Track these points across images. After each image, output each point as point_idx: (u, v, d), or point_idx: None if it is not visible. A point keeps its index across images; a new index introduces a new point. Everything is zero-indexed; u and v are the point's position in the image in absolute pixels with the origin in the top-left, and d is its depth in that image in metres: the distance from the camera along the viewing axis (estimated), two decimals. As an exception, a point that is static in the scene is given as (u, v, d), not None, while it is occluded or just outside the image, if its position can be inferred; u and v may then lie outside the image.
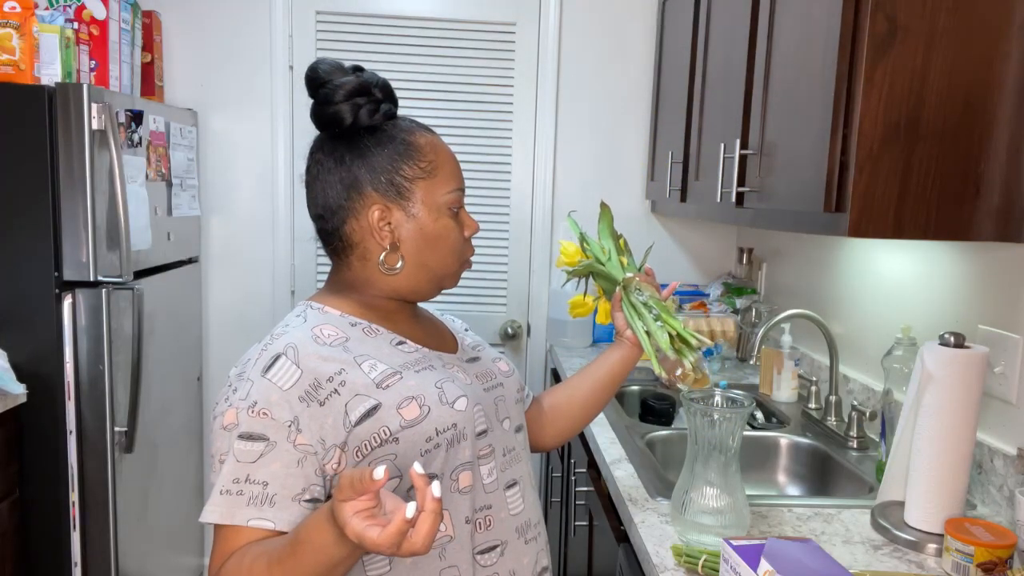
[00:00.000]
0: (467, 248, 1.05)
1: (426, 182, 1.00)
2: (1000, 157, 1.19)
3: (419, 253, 1.01)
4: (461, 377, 1.02)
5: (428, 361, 1.01)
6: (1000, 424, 1.34)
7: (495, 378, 1.09)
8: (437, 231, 1.01)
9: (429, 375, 0.98)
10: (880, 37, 1.17)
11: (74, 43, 2.04)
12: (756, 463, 1.72)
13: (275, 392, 0.89)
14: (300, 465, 0.88)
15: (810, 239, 2.16)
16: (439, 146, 1.03)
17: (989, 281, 1.39)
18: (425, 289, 1.04)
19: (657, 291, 1.20)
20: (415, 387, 0.95)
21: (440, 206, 1.01)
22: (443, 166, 1.02)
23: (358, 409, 0.91)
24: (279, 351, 0.92)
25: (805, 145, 1.34)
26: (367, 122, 1.01)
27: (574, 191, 2.73)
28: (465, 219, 1.05)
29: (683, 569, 1.09)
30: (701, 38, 2.05)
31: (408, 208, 0.99)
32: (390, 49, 2.62)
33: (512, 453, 1.06)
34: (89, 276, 1.94)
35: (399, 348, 1.00)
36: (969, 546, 1.07)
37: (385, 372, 0.95)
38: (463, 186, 1.04)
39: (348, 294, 1.04)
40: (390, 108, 1.04)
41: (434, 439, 0.93)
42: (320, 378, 0.91)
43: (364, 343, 0.98)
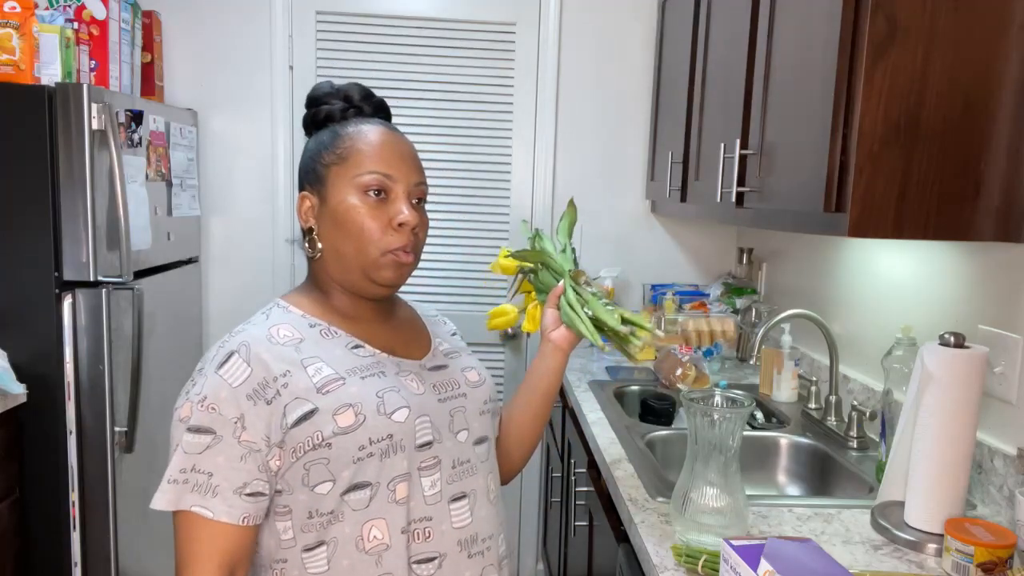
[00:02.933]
0: (393, 237, 0.99)
1: (338, 167, 1.00)
2: (1000, 157, 1.19)
3: (331, 238, 1.01)
4: (412, 386, 1.01)
5: (380, 367, 1.00)
6: (1000, 424, 1.34)
7: (457, 388, 1.07)
8: (342, 214, 0.99)
9: (374, 383, 0.98)
10: (880, 37, 1.17)
11: (74, 43, 2.04)
12: (756, 463, 1.72)
13: (225, 389, 0.92)
14: (243, 460, 0.91)
15: (810, 239, 2.16)
16: (365, 133, 1.02)
17: (989, 281, 1.39)
18: (355, 280, 1.02)
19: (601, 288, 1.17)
20: (355, 394, 0.95)
21: (349, 189, 0.99)
22: (360, 151, 1.00)
23: (296, 412, 0.93)
24: (233, 348, 0.95)
25: (805, 145, 1.34)
26: (336, 117, 1.05)
27: (574, 191, 2.72)
28: (396, 207, 1.00)
29: (683, 569, 1.09)
30: (701, 38, 2.05)
31: (322, 193, 1.01)
32: (390, 49, 2.63)
33: (465, 466, 1.04)
34: (89, 276, 1.93)
35: (354, 352, 1.00)
36: (969, 546, 1.07)
37: (328, 377, 0.96)
38: (390, 172, 1.00)
39: (314, 293, 1.05)
40: (361, 108, 1.07)
41: (367, 448, 0.94)
42: (268, 377, 0.93)
43: (318, 345, 0.99)
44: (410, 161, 1.03)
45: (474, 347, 2.76)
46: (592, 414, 1.86)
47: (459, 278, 2.73)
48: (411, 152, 1.04)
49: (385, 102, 1.11)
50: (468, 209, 2.70)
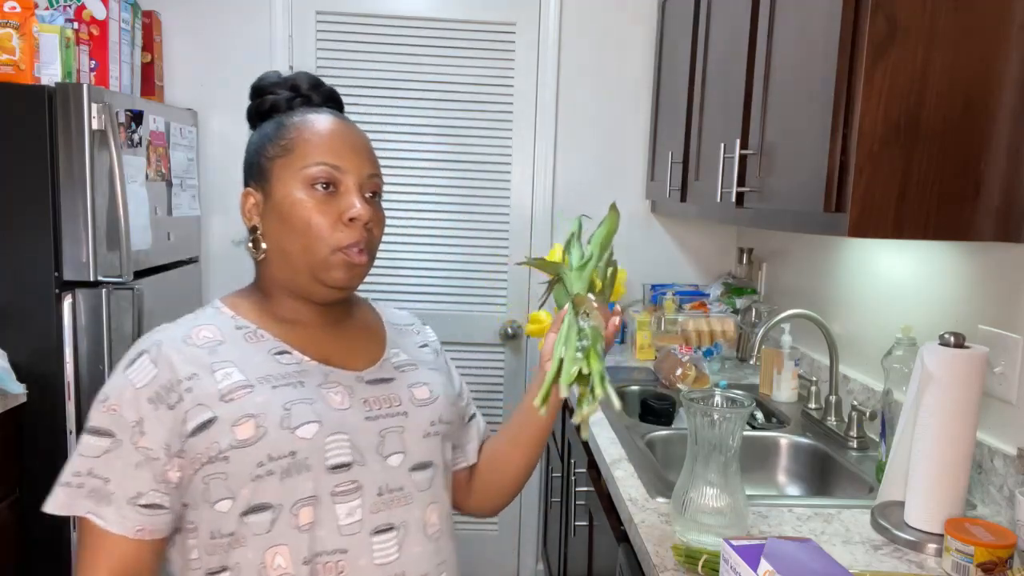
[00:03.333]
0: (343, 234, 0.91)
1: (283, 159, 0.92)
2: (1000, 157, 1.19)
3: (277, 236, 0.92)
4: (334, 400, 0.92)
5: (302, 377, 0.91)
6: (1000, 424, 1.34)
7: (396, 405, 0.96)
8: (287, 209, 0.91)
9: (286, 393, 0.89)
10: (880, 37, 1.17)
11: (74, 43, 2.04)
12: (756, 463, 1.72)
13: (128, 390, 0.87)
14: (139, 468, 0.85)
15: (810, 239, 2.16)
16: (312, 123, 0.94)
17: (989, 281, 1.38)
18: (303, 283, 0.93)
19: (603, 327, 0.95)
20: (260, 404, 0.87)
21: (295, 183, 0.91)
22: (307, 141, 0.92)
23: (195, 419, 0.86)
24: (145, 348, 0.90)
25: (805, 145, 1.34)
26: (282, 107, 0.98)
27: (574, 191, 2.72)
28: (347, 201, 0.92)
29: (683, 569, 1.09)
30: (701, 38, 2.05)
31: (267, 189, 0.93)
32: (390, 49, 2.63)
33: (395, 494, 0.93)
34: (89, 276, 1.94)
35: (276, 358, 0.92)
36: (969, 546, 1.07)
37: (236, 384, 0.88)
38: (339, 163, 0.92)
39: (255, 296, 0.98)
40: (309, 97, 0.99)
41: (266, 465, 0.85)
42: (173, 380, 0.87)
43: (236, 349, 0.91)
44: (362, 151, 0.94)
45: (473, 347, 2.81)
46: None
47: (459, 278, 2.73)
48: (363, 142, 0.96)
49: (336, 92, 1.03)
50: (468, 209, 2.70)
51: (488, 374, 2.77)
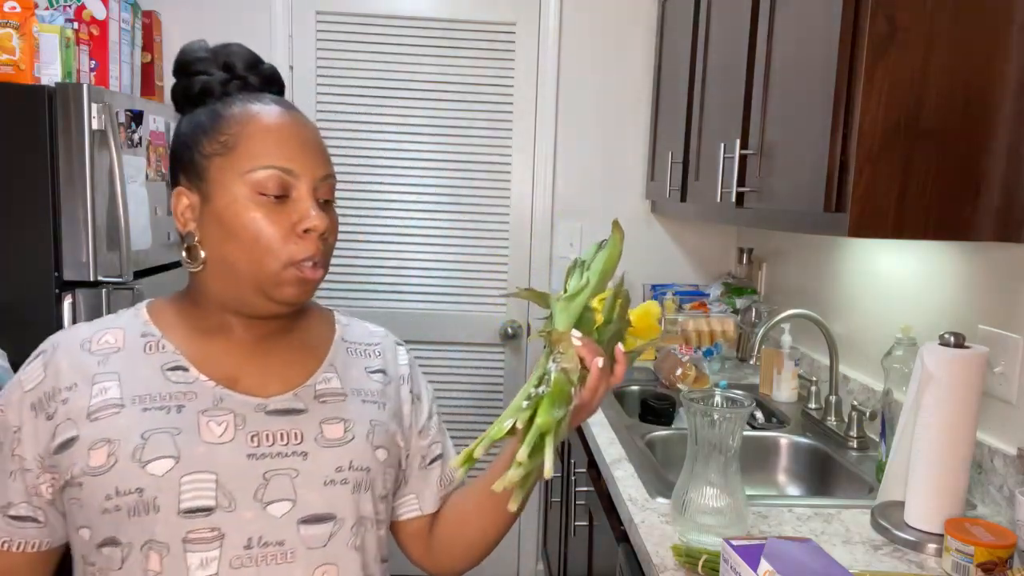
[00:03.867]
0: (297, 247, 0.80)
1: (224, 159, 0.81)
2: (1000, 157, 1.19)
3: (218, 246, 0.81)
4: (213, 431, 0.80)
5: (184, 399, 0.81)
6: (1000, 424, 1.34)
7: (294, 443, 0.82)
8: (232, 219, 0.79)
9: (153, 418, 0.79)
10: (880, 37, 1.17)
11: (74, 43, 2.04)
12: (756, 463, 1.72)
13: (17, 391, 0.82)
14: (12, 477, 0.80)
15: (810, 239, 2.16)
16: (257, 116, 0.82)
17: (989, 281, 1.38)
18: (247, 298, 0.82)
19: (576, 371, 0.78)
20: (120, 429, 0.78)
21: (240, 188, 0.80)
22: (249, 139, 0.80)
23: (62, 435, 0.79)
24: (44, 347, 0.84)
25: (805, 145, 1.34)
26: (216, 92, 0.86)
27: (574, 191, 2.72)
28: (301, 209, 0.81)
29: (683, 569, 1.09)
30: (701, 38, 2.05)
31: (204, 190, 0.82)
32: (390, 49, 2.62)
33: (270, 548, 0.79)
34: (89, 276, 1.93)
35: (167, 374, 0.82)
36: (969, 546, 1.07)
37: (107, 401, 0.79)
38: (291, 165, 0.81)
39: (183, 302, 0.88)
40: (245, 79, 0.87)
41: (113, 499, 0.76)
42: (55, 388, 0.80)
43: (129, 359, 0.82)
44: (314, 150, 0.83)
45: (473, 347, 2.81)
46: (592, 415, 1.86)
47: (459, 278, 2.73)
48: (315, 138, 0.84)
49: (277, 73, 0.91)
50: (468, 209, 2.70)
51: (488, 374, 2.77)
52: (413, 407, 0.97)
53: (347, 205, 2.66)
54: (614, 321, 0.83)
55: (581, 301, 0.82)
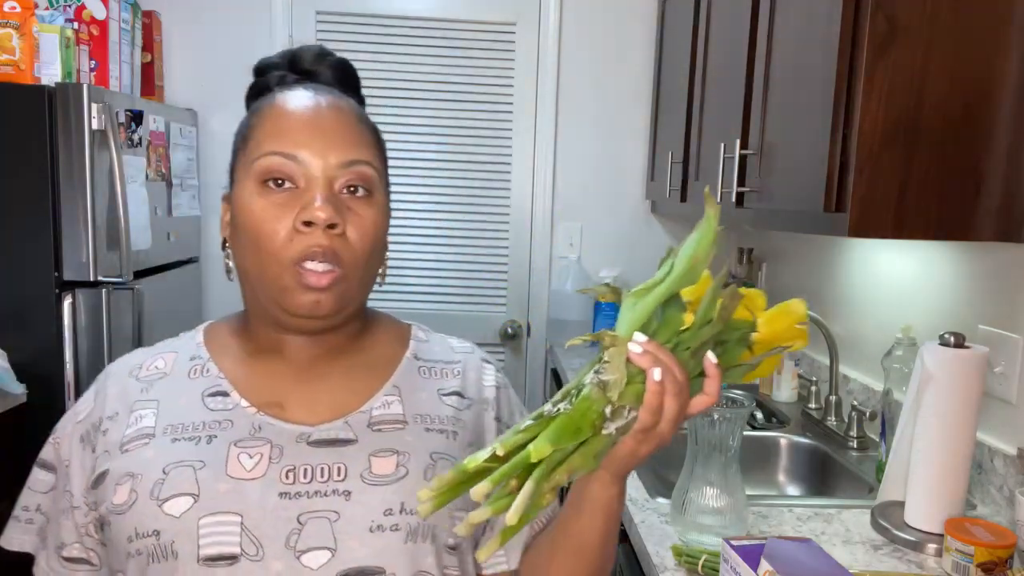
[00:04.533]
0: (296, 240, 0.68)
1: (240, 154, 0.74)
2: (1000, 157, 1.19)
3: (237, 252, 0.74)
4: (243, 464, 0.69)
5: (219, 428, 0.71)
6: (1000, 424, 1.34)
7: (337, 480, 0.69)
8: (240, 215, 0.71)
9: (180, 450, 0.69)
10: (880, 37, 1.17)
11: (74, 43, 2.04)
12: (756, 463, 1.72)
13: (71, 422, 0.77)
14: (65, 515, 0.74)
15: (810, 239, 2.16)
16: (276, 102, 0.73)
17: (989, 281, 1.38)
18: (273, 312, 0.72)
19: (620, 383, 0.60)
20: (144, 462, 0.69)
21: (248, 180, 0.71)
22: (259, 127, 0.72)
23: (98, 469, 0.72)
24: (103, 374, 0.79)
25: (805, 145, 1.34)
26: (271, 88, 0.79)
27: (574, 191, 2.72)
28: (306, 198, 0.69)
29: (683, 569, 1.09)
30: (701, 38, 2.05)
31: (233, 193, 0.75)
32: (390, 49, 2.62)
33: None
34: (89, 276, 1.93)
35: (207, 400, 0.73)
36: (969, 546, 1.07)
37: (140, 431, 0.72)
38: (293, 149, 0.70)
39: (239, 321, 0.80)
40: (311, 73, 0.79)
41: (135, 542, 0.67)
42: (100, 418, 0.74)
43: (172, 386, 0.75)
44: (330, 133, 0.71)
45: (474, 347, 2.80)
46: (592, 414, 1.86)
47: (459, 278, 2.73)
48: (335, 121, 0.72)
49: (348, 65, 0.82)
50: (468, 209, 2.70)
51: (488, 374, 2.76)
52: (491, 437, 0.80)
53: (347, 205, 2.66)
54: (712, 323, 0.64)
55: (655, 297, 0.64)
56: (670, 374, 0.60)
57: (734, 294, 0.65)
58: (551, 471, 0.57)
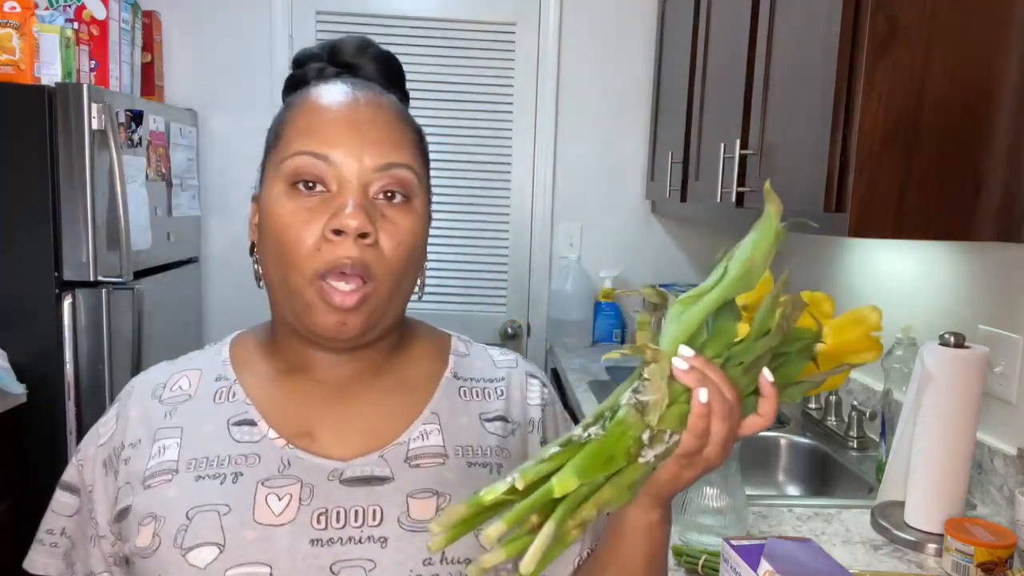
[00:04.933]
0: (324, 250, 0.62)
1: (272, 152, 0.68)
2: (1000, 157, 1.19)
3: (263, 259, 0.68)
4: (272, 508, 0.63)
5: (241, 464, 0.65)
6: (1000, 424, 1.34)
7: (373, 525, 0.63)
8: (266, 220, 0.66)
9: (205, 490, 0.63)
10: (880, 37, 1.17)
11: (74, 43, 2.04)
12: (756, 463, 1.72)
13: (93, 444, 0.71)
14: (92, 543, 0.69)
15: (810, 239, 2.16)
16: (310, 97, 0.68)
17: (989, 281, 1.38)
18: (296, 318, 0.66)
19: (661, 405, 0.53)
20: (167, 504, 0.64)
21: (277, 182, 0.66)
22: (291, 123, 0.67)
23: (121, 502, 0.67)
24: (124, 391, 0.73)
25: (805, 145, 1.34)
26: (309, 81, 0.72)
27: (574, 191, 2.72)
28: (336, 203, 0.63)
29: (683, 569, 1.09)
30: (701, 38, 2.05)
31: (261, 193, 0.69)
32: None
33: None
34: (89, 276, 1.93)
35: (232, 431, 0.67)
36: (969, 546, 1.07)
37: (162, 465, 0.66)
38: (326, 149, 0.64)
39: (267, 334, 0.74)
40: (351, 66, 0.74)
41: None
42: (121, 444, 0.69)
43: (197, 411, 0.68)
44: (367, 132, 0.65)
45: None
46: (592, 414, 1.86)
47: (459, 278, 2.73)
48: (373, 119, 0.66)
49: (392, 58, 0.78)
50: (468, 209, 2.70)
51: (488, 374, 2.76)
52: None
53: (347, 205, 2.66)
54: (770, 334, 0.57)
55: (705, 305, 0.56)
56: (718, 394, 0.53)
57: (797, 302, 0.58)
58: (577, 506, 0.50)
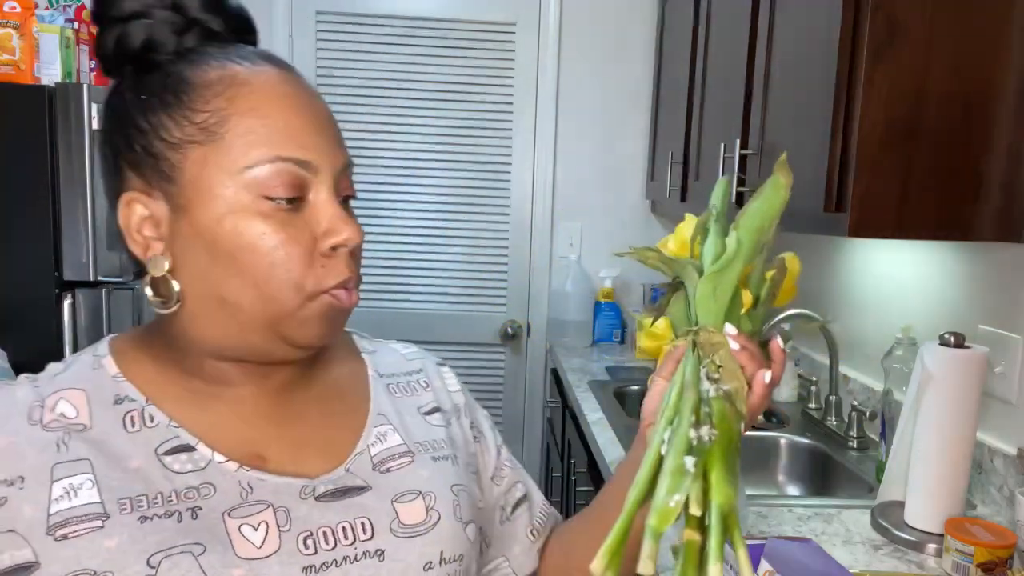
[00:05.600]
0: (325, 268, 0.58)
1: (203, 149, 0.56)
2: (1000, 157, 1.19)
3: (207, 278, 0.57)
4: (251, 540, 0.56)
5: (194, 497, 0.56)
6: (1000, 424, 1.34)
7: (362, 538, 0.59)
8: (229, 239, 0.56)
9: (158, 531, 0.54)
10: (880, 37, 1.16)
11: (74, 43, 2.04)
12: (756, 463, 1.72)
13: None
14: None
15: (810, 239, 2.16)
16: (248, 84, 0.57)
17: (989, 281, 1.38)
18: (256, 342, 0.59)
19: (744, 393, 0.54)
20: (110, 556, 0.52)
21: (237, 192, 0.56)
22: (245, 117, 0.57)
23: (4, 557, 0.52)
24: None
25: (805, 145, 1.34)
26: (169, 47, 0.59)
27: (574, 191, 2.72)
28: (322, 215, 0.58)
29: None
30: (701, 38, 2.05)
31: (176, 196, 0.57)
32: (390, 49, 2.62)
33: None
34: (89, 276, 1.94)
35: (164, 460, 0.57)
36: (969, 546, 1.07)
37: (79, 510, 0.53)
38: (309, 156, 0.58)
39: (156, 346, 0.62)
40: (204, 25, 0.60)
41: None
42: None
43: (106, 438, 0.56)
44: (332, 130, 0.61)
45: (473, 347, 2.80)
46: (592, 414, 1.86)
47: (459, 278, 2.73)
48: (329, 113, 0.62)
49: (248, 16, 0.64)
50: (468, 209, 2.70)
51: (488, 375, 2.77)
52: (478, 446, 0.74)
53: (347, 205, 2.66)
54: (763, 302, 0.59)
55: (732, 280, 0.55)
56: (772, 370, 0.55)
57: (782, 267, 0.60)
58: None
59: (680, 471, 0.48)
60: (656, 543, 0.47)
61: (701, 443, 0.50)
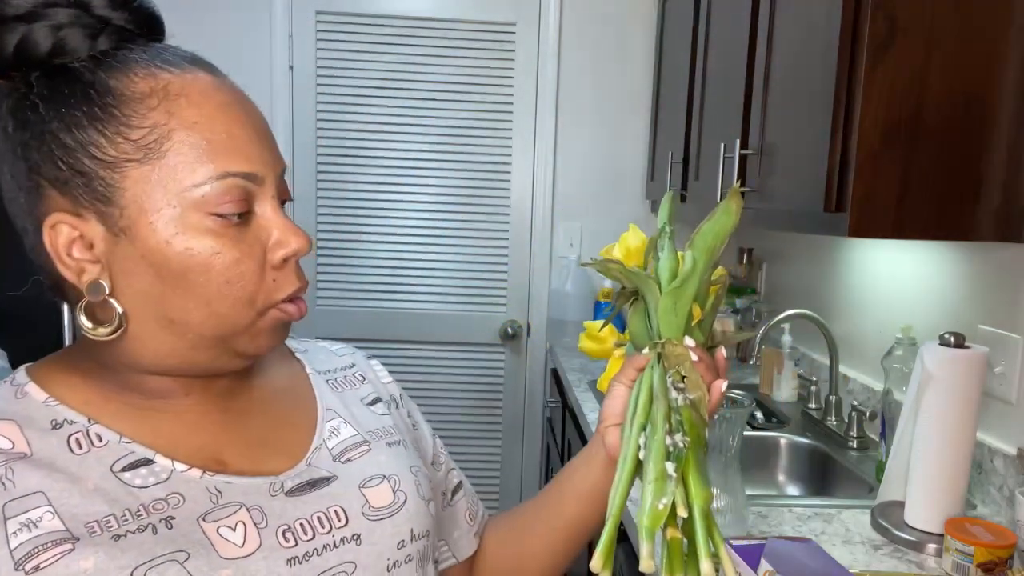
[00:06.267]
0: (277, 280, 0.58)
1: (142, 168, 0.53)
2: (1000, 157, 1.19)
3: (150, 299, 0.56)
4: (232, 540, 0.56)
5: (163, 507, 0.55)
6: (1000, 424, 1.34)
7: (337, 525, 0.61)
8: (179, 260, 0.54)
9: (136, 546, 0.52)
10: (880, 37, 1.17)
11: None
12: (756, 463, 1.72)
13: None
14: None
15: (810, 239, 2.16)
16: (185, 93, 0.56)
17: (989, 281, 1.38)
18: (201, 359, 0.58)
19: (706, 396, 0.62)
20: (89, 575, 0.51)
21: (181, 211, 0.54)
22: (189, 132, 0.54)
23: None
24: None
25: (805, 145, 1.34)
26: (82, 52, 0.55)
27: (574, 191, 2.73)
28: (268, 226, 0.58)
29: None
30: (701, 38, 2.05)
31: (114, 217, 0.54)
32: (390, 49, 2.62)
33: None
34: (89, 276, 1.94)
35: (123, 477, 0.55)
36: (969, 546, 1.07)
37: (45, 538, 0.51)
38: (255, 168, 0.57)
39: (86, 363, 0.60)
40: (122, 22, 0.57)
41: None
42: None
43: (52, 467, 0.54)
44: (269, 136, 0.60)
45: (473, 347, 2.80)
46: (592, 414, 1.86)
47: (459, 278, 2.73)
48: (262, 117, 0.62)
49: (156, 12, 0.64)
50: (468, 209, 2.70)
51: (488, 375, 2.77)
52: (417, 433, 0.78)
53: (347, 205, 2.66)
54: (708, 314, 0.65)
55: (690, 295, 0.61)
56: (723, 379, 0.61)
57: (724, 278, 0.66)
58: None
59: (663, 476, 0.55)
60: (652, 542, 0.53)
61: (677, 449, 0.56)
